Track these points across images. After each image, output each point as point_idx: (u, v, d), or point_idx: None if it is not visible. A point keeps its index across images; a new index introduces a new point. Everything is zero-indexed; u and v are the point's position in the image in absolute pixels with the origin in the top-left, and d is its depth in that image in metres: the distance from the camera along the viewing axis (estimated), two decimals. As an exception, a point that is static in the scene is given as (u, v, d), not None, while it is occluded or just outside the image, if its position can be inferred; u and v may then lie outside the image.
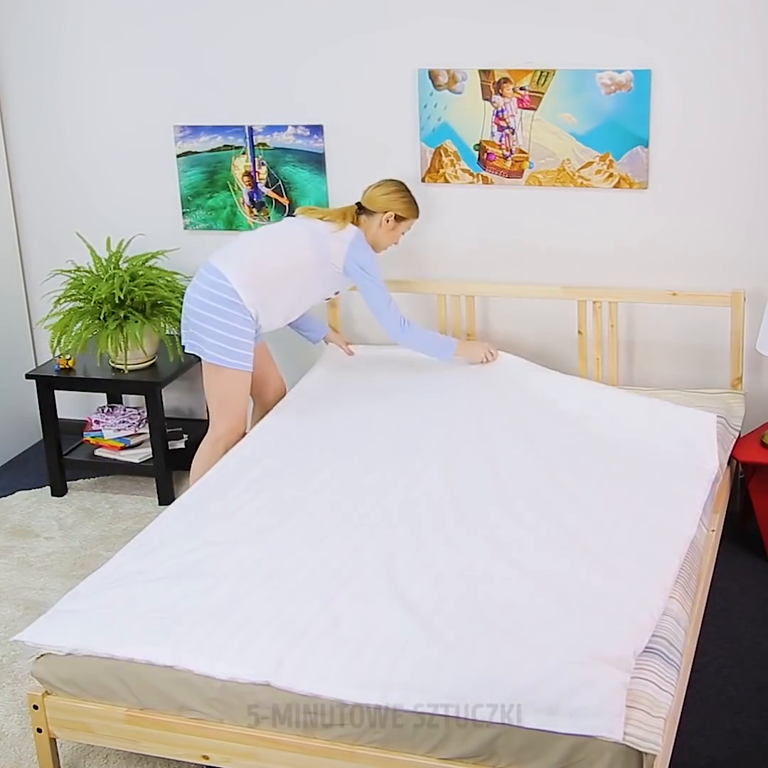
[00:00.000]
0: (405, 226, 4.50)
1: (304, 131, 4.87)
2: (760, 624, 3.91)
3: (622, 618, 3.00)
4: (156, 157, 5.11)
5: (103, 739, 3.12)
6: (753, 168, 4.41)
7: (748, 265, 4.52)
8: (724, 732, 3.38)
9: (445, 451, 4.04)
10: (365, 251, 4.39)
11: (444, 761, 2.81)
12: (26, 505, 5.00)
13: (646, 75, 4.37)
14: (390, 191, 4.43)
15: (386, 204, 4.41)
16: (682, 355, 4.70)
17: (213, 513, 3.69)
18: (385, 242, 4.50)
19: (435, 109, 4.64)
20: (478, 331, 4.91)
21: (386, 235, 4.47)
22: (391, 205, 4.41)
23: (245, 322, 4.27)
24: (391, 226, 4.44)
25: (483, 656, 2.88)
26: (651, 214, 4.57)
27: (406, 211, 4.45)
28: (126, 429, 5.07)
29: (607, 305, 4.65)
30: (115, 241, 5.13)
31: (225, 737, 2.98)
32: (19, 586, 4.32)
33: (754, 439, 4.37)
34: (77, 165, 5.23)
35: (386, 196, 4.42)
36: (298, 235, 4.37)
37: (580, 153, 4.54)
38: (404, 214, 4.45)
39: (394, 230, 4.47)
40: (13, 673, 3.78)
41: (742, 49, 4.27)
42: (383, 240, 4.48)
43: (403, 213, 4.44)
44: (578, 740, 2.67)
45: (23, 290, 5.50)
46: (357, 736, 2.86)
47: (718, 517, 4.01)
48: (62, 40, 5.04)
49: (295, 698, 2.88)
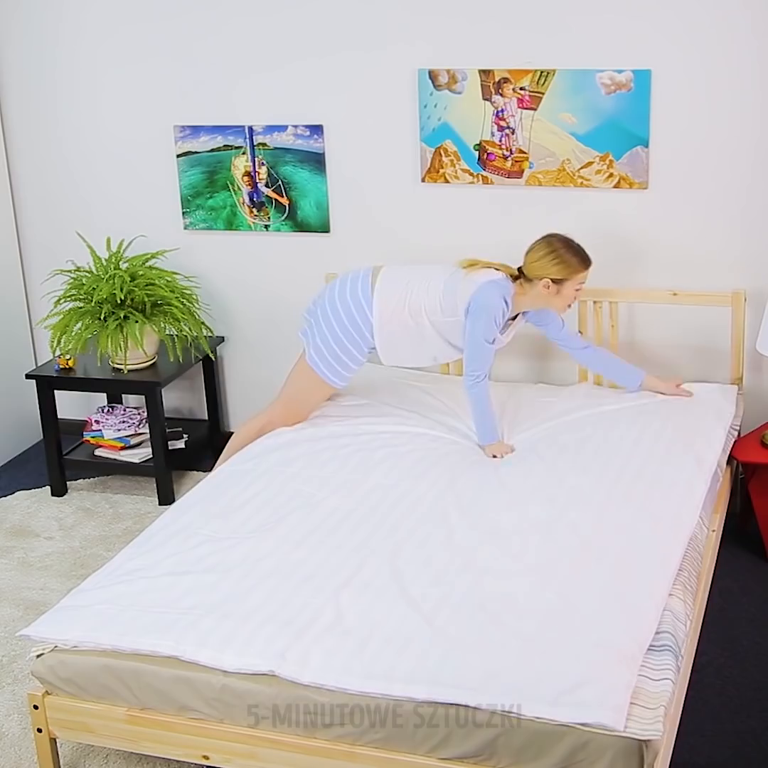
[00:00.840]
0: (572, 284, 4.09)
1: (304, 131, 4.87)
2: (760, 624, 3.91)
3: (628, 613, 3.02)
4: (156, 157, 5.11)
5: (103, 739, 3.12)
6: (753, 168, 4.40)
7: (748, 265, 4.52)
8: (724, 732, 3.38)
9: (448, 448, 4.10)
10: (492, 298, 4.05)
11: (444, 761, 2.80)
12: (26, 505, 5.00)
13: (646, 75, 4.37)
14: (539, 256, 4.07)
15: (540, 271, 4.06)
16: (683, 355, 4.70)
17: (217, 510, 3.70)
18: (560, 304, 4.15)
19: (435, 109, 4.64)
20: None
21: (556, 298, 4.11)
22: (544, 272, 4.05)
23: (362, 351, 4.25)
24: (555, 291, 4.08)
25: (486, 650, 2.89)
26: (651, 214, 4.57)
27: (561, 272, 4.05)
28: (126, 429, 5.06)
29: (607, 305, 4.64)
30: (115, 241, 5.13)
31: (225, 737, 2.98)
32: (19, 586, 4.32)
33: (754, 439, 4.37)
34: (77, 165, 5.23)
35: (537, 263, 4.07)
36: (434, 281, 4.20)
37: (580, 153, 4.54)
38: (560, 276, 4.06)
39: (561, 292, 4.09)
40: (13, 673, 3.78)
41: (742, 49, 4.27)
42: (556, 303, 4.15)
43: (559, 275, 4.05)
44: (579, 740, 2.67)
45: (23, 290, 5.50)
46: (357, 736, 2.86)
47: (718, 517, 4.00)
48: (62, 40, 5.04)
49: (296, 697, 2.88)
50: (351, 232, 4.96)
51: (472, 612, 3.07)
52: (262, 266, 5.13)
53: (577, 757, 2.68)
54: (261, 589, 3.21)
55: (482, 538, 3.45)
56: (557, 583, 3.19)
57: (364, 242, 4.94)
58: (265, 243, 5.09)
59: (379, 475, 3.90)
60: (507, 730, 2.73)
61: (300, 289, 5.08)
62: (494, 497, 3.70)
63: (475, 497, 3.71)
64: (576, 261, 4.07)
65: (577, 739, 2.67)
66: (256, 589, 3.21)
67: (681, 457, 3.92)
